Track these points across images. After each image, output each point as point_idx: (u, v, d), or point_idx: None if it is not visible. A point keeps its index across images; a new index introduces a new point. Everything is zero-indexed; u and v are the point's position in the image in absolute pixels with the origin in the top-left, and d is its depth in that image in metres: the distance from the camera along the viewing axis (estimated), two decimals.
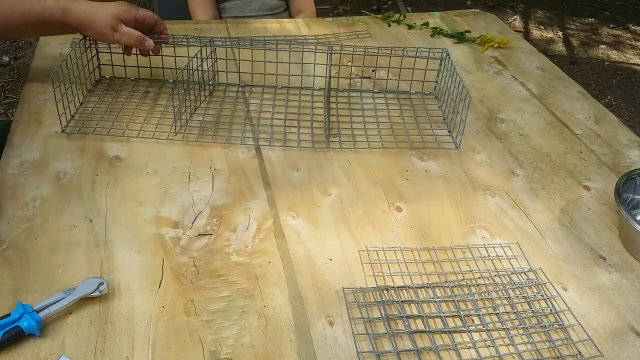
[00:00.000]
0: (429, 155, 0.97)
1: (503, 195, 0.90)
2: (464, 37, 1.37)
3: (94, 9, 0.97)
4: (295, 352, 0.65)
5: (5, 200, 0.82)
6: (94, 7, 0.97)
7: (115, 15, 0.97)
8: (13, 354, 0.62)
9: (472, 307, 0.72)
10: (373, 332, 0.68)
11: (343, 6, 3.50)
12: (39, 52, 1.19)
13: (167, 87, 1.10)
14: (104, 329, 0.66)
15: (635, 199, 0.88)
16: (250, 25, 1.37)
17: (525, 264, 0.79)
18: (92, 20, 0.98)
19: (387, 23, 1.43)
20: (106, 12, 0.97)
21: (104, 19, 0.97)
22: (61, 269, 0.72)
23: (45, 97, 1.04)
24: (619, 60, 3.18)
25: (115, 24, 0.98)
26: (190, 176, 0.89)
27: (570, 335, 0.69)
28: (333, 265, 0.76)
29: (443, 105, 1.10)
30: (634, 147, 1.03)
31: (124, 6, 0.99)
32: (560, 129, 1.07)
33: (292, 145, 0.97)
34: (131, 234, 0.78)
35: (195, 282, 0.72)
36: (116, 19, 0.97)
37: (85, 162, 0.90)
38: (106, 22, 0.97)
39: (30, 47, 2.79)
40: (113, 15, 0.97)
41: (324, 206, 0.85)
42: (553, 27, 3.50)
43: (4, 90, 2.51)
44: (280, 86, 1.13)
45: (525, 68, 1.27)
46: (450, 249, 0.80)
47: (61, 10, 0.96)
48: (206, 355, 0.64)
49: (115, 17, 0.97)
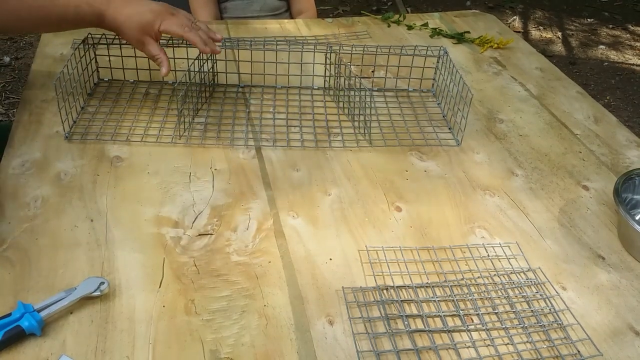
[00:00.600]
0: (429, 155, 0.98)
1: (502, 195, 0.90)
2: (463, 37, 1.38)
3: (122, 17, 0.94)
4: (295, 352, 0.65)
5: (6, 201, 0.82)
6: (123, 15, 0.94)
7: (141, 30, 0.94)
8: (14, 354, 0.63)
9: (472, 306, 0.72)
10: (373, 332, 0.68)
11: (343, 7, 3.51)
12: (40, 52, 1.19)
13: (167, 89, 1.10)
14: (105, 329, 0.66)
15: (634, 199, 0.88)
16: (251, 25, 1.38)
17: (525, 263, 0.79)
18: (121, 31, 0.96)
19: (386, 24, 1.43)
20: (133, 23, 0.94)
21: (131, 33, 0.95)
22: (62, 268, 0.72)
23: (46, 98, 1.04)
24: (618, 61, 3.18)
25: (142, 38, 0.95)
26: (190, 176, 0.89)
27: (570, 335, 0.69)
28: (333, 264, 0.76)
29: (442, 102, 1.10)
30: (633, 147, 1.04)
31: (151, 15, 0.94)
32: (559, 129, 1.08)
33: (295, 145, 0.97)
34: (132, 234, 0.78)
35: (196, 281, 0.72)
36: (142, 32, 0.95)
37: (86, 162, 0.90)
38: (132, 35, 0.96)
39: (31, 47, 2.79)
40: (138, 29, 0.94)
41: (324, 206, 0.86)
42: (552, 28, 3.50)
43: (5, 91, 2.52)
44: (280, 86, 1.13)
45: (524, 68, 1.27)
46: (449, 248, 0.80)
47: (96, 16, 0.94)
48: (206, 354, 0.64)
49: (140, 31, 0.95)
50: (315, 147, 0.98)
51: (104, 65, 1.11)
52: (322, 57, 1.13)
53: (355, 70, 1.20)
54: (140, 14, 0.94)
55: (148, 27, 0.95)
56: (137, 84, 1.11)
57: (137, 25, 0.94)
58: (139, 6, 0.95)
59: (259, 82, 1.13)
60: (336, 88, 1.09)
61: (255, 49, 1.09)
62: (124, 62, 1.10)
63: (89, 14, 0.94)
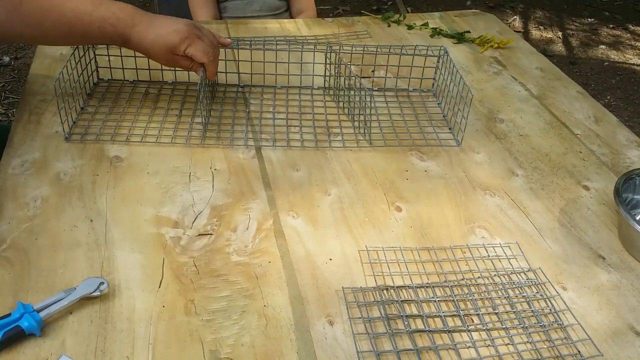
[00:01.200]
0: (429, 155, 0.98)
1: (502, 195, 0.90)
2: (463, 37, 1.38)
3: (148, 41, 0.93)
4: (295, 352, 0.65)
5: (5, 200, 0.82)
6: (149, 38, 0.93)
7: (168, 51, 0.94)
8: (14, 354, 0.62)
9: (472, 306, 0.72)
10: (373, 332, 0.68)
11: (343, 7, 3.51)
12: (40, 52, 1.19)
13: (167, 89, 1.10)
14: (105, 329, 0.66)
15: (634, 199, 0.88)
16: (251, 25, 1.37)
17: (525, 263, 0.79)
18: (148, 54, 0.96)
19: (386, 23, 1.43)
20: (159, 47, 0.93)
21: (159, 56, 0.95)
22: (62, 268, 0.72)
23: (45, 98, 1.04)
24: (619, 61, 3.18)
25: (171, 57, 0.95)
26: (190, 176, 0.89)
27: (570, 335, 0.69)
28: (333, 265, 0.76)
29: (442, 102, 1.10)
30: (633, 147, 1.04)
31: (177, 38, 0.93)
32: (559, 129, 1.07)
33: (295, 145, 0.97)
34: (132, 234, 0.78)
35: (196, 281, 0.72)
36: (170, 53, 0.94)
37: (86, 162, 0.90)
38: (161, 57, 0.95)
39: (31, 47, 2.78)
40: (165, 52, 0.94)
41: (324, 206, 0.85)
42: (552, 28, 3.50)
43: (4, 91, 2.52)
44: (280, 86, 1.13)
45: (524, 68, 1.27)
46: (449, 248, 0.80)
47: (121, 38, 0.93)
48: (206, 354, 0.64)
49: (168, 52, 0.94)
50: (315, 147, 0.98)
51: (103, 65, 1.10)
52: (322, 57, 1.13)
53: (355, 70, 1.20)
54: (165, 37, 0.93)
55: (175, 49, 0.94)
56: (137, 84, 1.11)
57: (164, 49, 0.94)
58: (163, 28, 0.94)
59: (259, 81, 1.13)
60: (336, 88, 1.09)
61: (255, 48, 1.09)
62: (123, 62, 1.10)
63: (112, 35, 0.93)
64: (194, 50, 0.95)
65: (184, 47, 0.94)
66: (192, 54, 0.95)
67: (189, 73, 1.00)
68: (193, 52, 0.95)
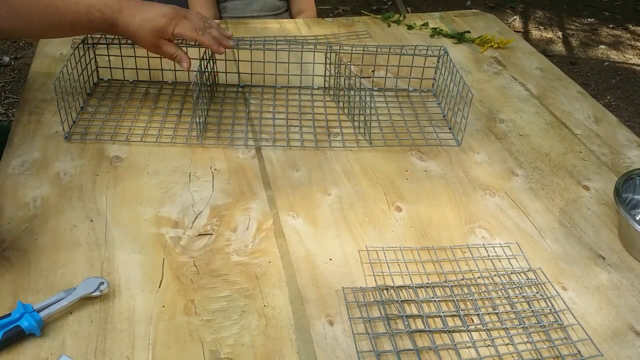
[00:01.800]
0: (429, 155, 0.98)
1: (502, 195, 0.90)
2: (463, 37, 1.38)
3: (135, 25, 0.93)
4: (295, 352, 0.65)
5: (5, 200, 0.82)
6: (136, 22, 0.93)
7: (155, 35, 0.94)
8: (14, 354, 0.62)
9: (472, 306, 0.72)
10: (373, 332, 0.68)
11: (343, 7, 3.51)
12: (40, 52, 1.19)
13: (167, 89, 1.10)
14: (105, 329, 0.66)
15: (634, 199, 0.88)
16: (251, 25, 1.37)
17: (525, 263, 0.79)
18: (134, 38, 0.96)
19: (386, 23, 1.43)
20: (146, 30, 0.93)
21: (145, 39, 0.95)
22: (62, 268, 0.72)
23: (45, 97, 1.04)
24: (619, 61, 3.18)
25: (157, 42, 0.95)
26: (190, 176, 0.89)
27: (570, 335, 0.69)
28: (333, 265, 0.76)
29: (442, 102, 1.10)
30: (633, 147, 1.04)
31: (164, 20, 0.94)
32: (559, 129, 1.07)
33: (295, 145, 0.97)
34: (131, 234, 0.78)
35: (196, 281, 0.72)
36: (157, 37, 0.94)
37: (86, 162, 0.90)
38: (147, 41, 0.95)
39: (31, 47, 2.79)
40: (152, 35, 0.94)
41: (324, 206, 0.85)
42: (552, 28, 3.50)
43: (4, 91, 2.51)
44: (280, 86, 1.13)
45: (524, 68, 1.27)
46: (449, 248, 0.80)
47: (107, 23, 0.94)
48: (206, 354, 0.64)
49: (155, 36, 0.94)
50: (315, 147, 0.98)
51: (103, 65, 1.10)
52: (322, 57, 1.13)
53: (355, 70, 1.20)
54: (152, 20, 0.94)
55: (162, 32, 0.94)
56: (137, 84, 1.11)
57: (151, 32, 0.94)
58: (150, 12, 0.94)
59: (259, 81, 1.13)
60: (336, 88, 1.09)
61: (255, 48, 1.09)
62: (123, 62, 1.10)
63: (100, 21, 0.93)
64: (182, 29, 0.94)
65: (172, 28, 0.94)
66: (180, 32, 0.95)
67: (189, 73, 1.00)
68: (181, 31, 0.94)
